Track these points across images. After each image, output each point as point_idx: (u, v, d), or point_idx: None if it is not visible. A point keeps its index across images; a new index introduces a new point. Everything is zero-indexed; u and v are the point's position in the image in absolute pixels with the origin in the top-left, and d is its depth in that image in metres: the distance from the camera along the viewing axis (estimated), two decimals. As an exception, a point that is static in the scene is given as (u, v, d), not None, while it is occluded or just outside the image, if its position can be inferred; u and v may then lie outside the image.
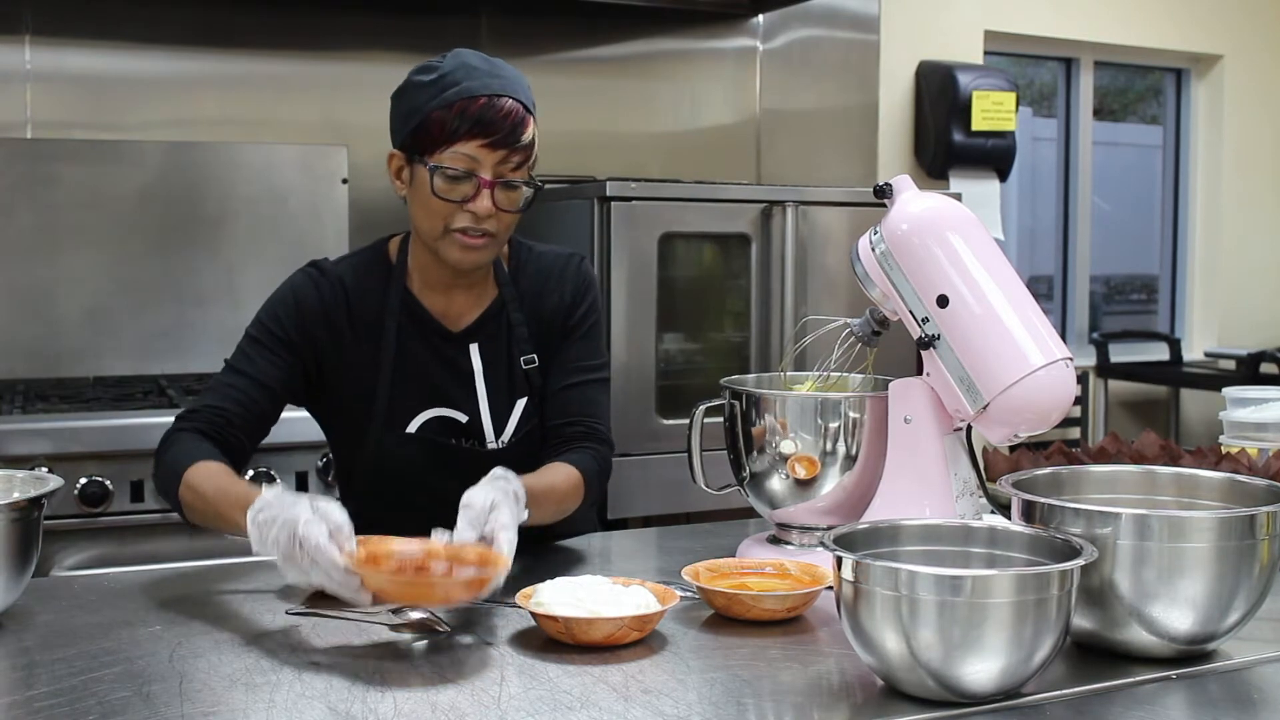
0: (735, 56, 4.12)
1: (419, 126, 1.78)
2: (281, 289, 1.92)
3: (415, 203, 1.83)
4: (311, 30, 3.53)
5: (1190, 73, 5.56)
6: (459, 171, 1.76)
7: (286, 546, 1.45)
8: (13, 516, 1.50)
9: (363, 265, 1.94)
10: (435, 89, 1.77)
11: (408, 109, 1.81)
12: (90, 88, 3.33)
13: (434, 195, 1.77)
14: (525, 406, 1.91)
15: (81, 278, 3.27)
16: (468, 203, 1.77)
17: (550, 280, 1.95)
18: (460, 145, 1.75)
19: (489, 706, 1.26)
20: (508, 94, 1.78)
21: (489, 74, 1.79)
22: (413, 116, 1.79)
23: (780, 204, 3.36)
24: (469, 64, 1.79)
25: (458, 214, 1.78)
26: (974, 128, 4.51)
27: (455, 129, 1.75)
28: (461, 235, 1.79)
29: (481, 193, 1.77)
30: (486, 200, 1.77)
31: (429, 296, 1.91)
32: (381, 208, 3.62)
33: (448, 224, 1.79)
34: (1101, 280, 5.67)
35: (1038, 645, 1.24)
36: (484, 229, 1.79)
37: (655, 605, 1.47)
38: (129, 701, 1.27)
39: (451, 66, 1.79)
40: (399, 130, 1.83)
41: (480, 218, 1.78)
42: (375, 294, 1.89)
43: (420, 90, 1.79)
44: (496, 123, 1.75)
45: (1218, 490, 1.54)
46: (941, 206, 1.66)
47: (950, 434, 1.65)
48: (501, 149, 1.76)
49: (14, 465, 2.36)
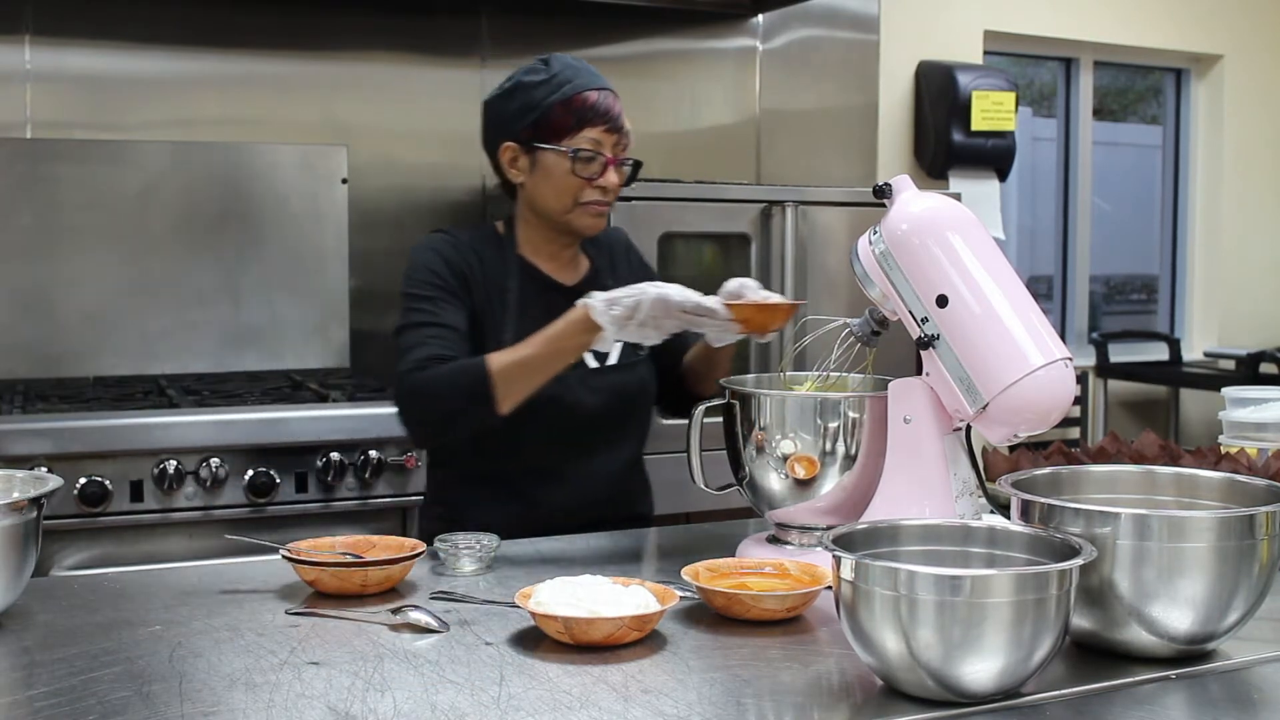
0: (735, 56, 4.12)
1: (541, 119, 2.05)
2: (422, 252, 2.12)
3: (543, 184, 2.09)
4: (311, 30, 3.54)
5: (1190, 73, 5.56)
6: (590, 153, 2.05)
7: (653, 307, 1.82)
8: (13, 516, 1.50)
9: (482, 236, 2.18)
10: (551, 87, 2.06)
11: (523, 106, 2.07)
12: (90, 88, 3.33)
13: (571, 174, 2.06)
14: (622, 348, 2.16)
15: (81, 278, 3.27)
16: (595, 180, 2.06)
17: (617, 254, 2.28)
18: (587, 131, 2.05)
19: (489, 706, 1.26)
20: (609, 88, 2.10)
21: (589, 72, 2.10)
22: (532, 111, 2.06)
23: (780, 204, 3.36)
24: (571, 64, 2.09)
25: (587, 189, 2.07)
26: (974, 128, 4.50)
27: (580, 118, 2.05)
28: (592, 205, 2.09)
29: (608, 170, 2.07)
30: (613, 176, 2.08)
31: (541, 263, 2.17)
32: (382, 208, 3.63)
33: (578, 198, 2.08)
34: (1101, 280, 5.67)
35: (1037, 645, 1.24)
36: (608, 200, 2.10)
37: (655, 605, 1.47)
38: (129, 701, 1.27)
39: (559, 68, 2.08)
40: (512, 125, 2.09)
41: (608, 190, 2.08)
42: (495, 258, 2.14)
43: (535, 89, 2.07)
44: (610, 112, 2.07)
45: (1217, 490, 1.54)
46: (941, 206, 1.66)
47: (950, 434, 1.65)
48: (615, 133, 2.08)
49: (14, 465, 2.36)
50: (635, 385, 2.15)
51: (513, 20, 3.77)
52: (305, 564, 1.67)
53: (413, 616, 1.50)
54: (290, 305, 3.47)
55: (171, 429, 2.66)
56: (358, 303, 3.56)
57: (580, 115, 2.04)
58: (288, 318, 3.47)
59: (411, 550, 1.73)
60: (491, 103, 2.14)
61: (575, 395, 2.06)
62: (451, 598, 1.64)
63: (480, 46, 3.74)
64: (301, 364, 3.48)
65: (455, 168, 3.70)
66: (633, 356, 2.17)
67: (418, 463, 2.82)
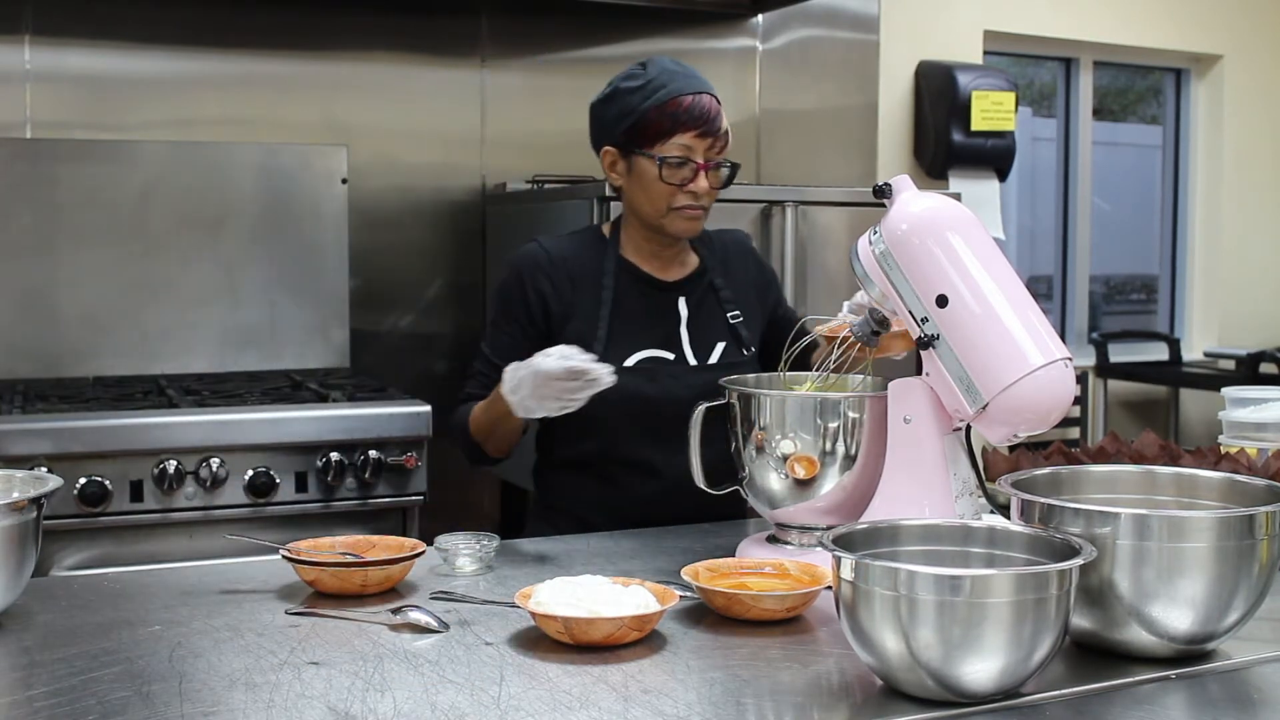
0: (735, 56, 4.12)
1: (635, 125, 2.09)
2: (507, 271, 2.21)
3: (637, 188, 2.13)
4: (311, 30, 3.53)
5: (1190, 73, 5.56)
6: (679, 159, 2.07)
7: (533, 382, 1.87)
8: (12, 516, 1.50)
9: (581, 239, 2.26)
10: (645, 93, 2.09)
11: (619, 112, 2.11)
12: (90, 88, 3.33)
13: (660, 181, 2.08)
14: (724, 348, 2.22)
15: (81, 278, 3.27)
16: (686, 185, 2.09)
17: (732, 255, 2.31)
18: (677, 137, 2.07)
19: (489, 706, 1.26)
20: (705, 90, 2.11)
21: (686, 75, 2.11)
22: (627, 117, 2.10)
23: (780, 204, 3.36)
24: (668, 68, 2.11)
25: (679, 194, 2.10)
26: (974, 128, 4.50)
27: (672, 124, 2.07)
28: (685, 210, 2.11)
29: (699, 175, 2.09)
30: (703, 181, 2.10)
31: (642, 262, 2.22)
32: (382, 208, 3.63)
33: (670, 203, 2.11)
34: (1101, 280, 5.67)
35: (1037, 645, 1.24)
36: (701, 204, 2.12)
37: (655, 605, 1.47)
38: (129, 701, 1.27)
39: (655, 72, 2.10)
40: (610, 130, 2.13)
41: (699, 196, 2.10)
42: (595, 258, 2.20)
43: (631, 95, 2.10)
44: (704, 116, 2.08)
45: (1217, 490, 1.54)
46: (941, 206, 1.66)
47: (950, 434, 1.65)
48: (709, 137, 2.09)
49: (14, 465, 2.36)
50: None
51: (513, 20, 3.77)
52: (305, 564, 1.67)
53: (412, 616, 1.50)
54: (290, 305, 3.47)
55: (171, 429, 2.66)
56: (358, 303, 3.56)
57: (673, 121, 2.07)
58: (288, 318, 3.47)
59: (411, 550, 1.73)
60: (594, 107, 2.18)
61: (666, 390, 2.12)
62: (451, 598, 1.64)
63: (480, 46, 3.74)
64: (301, 364, 3.48)
65: (455, 168, 3.70)
66: (736, 357, 2.21)
67: (418, 463, 2.82)
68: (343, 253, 3.52)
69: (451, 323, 3.72)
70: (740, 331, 2.24)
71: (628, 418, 2.11)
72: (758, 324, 2.29)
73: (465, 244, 3.73)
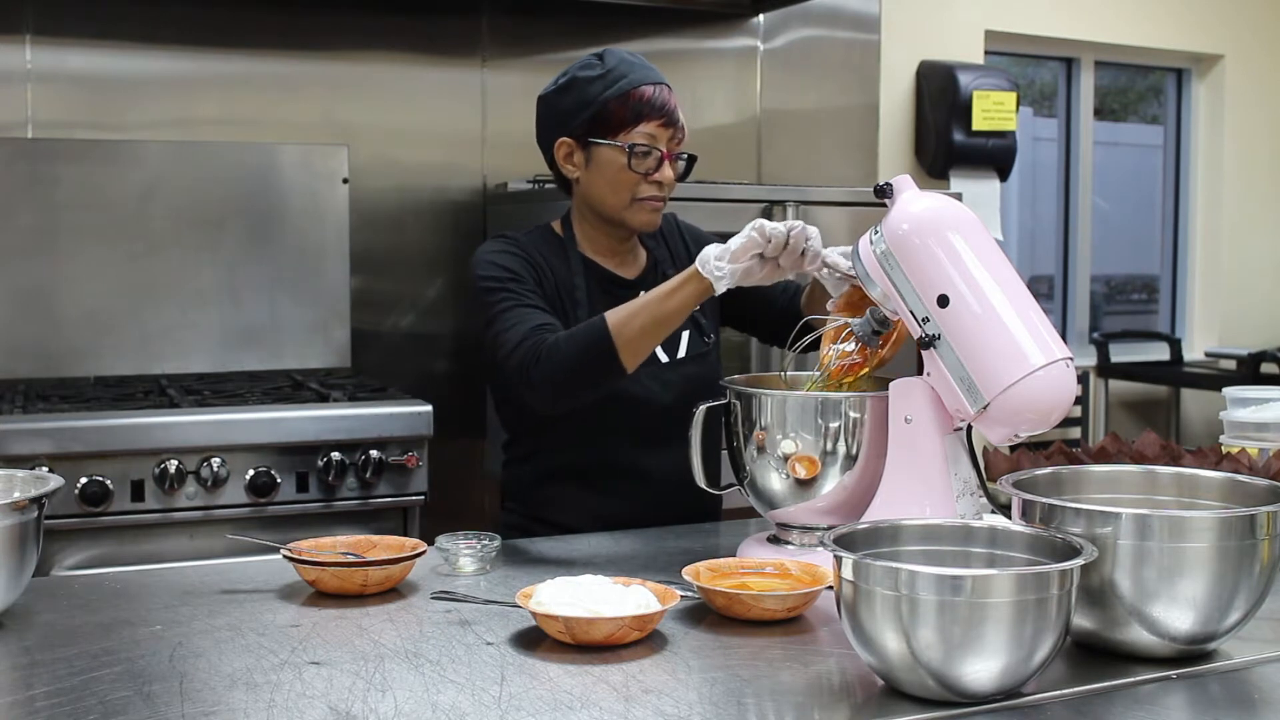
0: (735, 56, 4.12)
1: (598, 115, 2.05)
2: (490, 254, 2.09)
3: (599, 180, 2.09)
4: (311, 30, 3.53)
5: (1191, 73, 5.55)
6: (646, 148, 2.05)
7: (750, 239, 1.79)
8: (13, 516, 1.50)
9: (540, 236, 2.18)
10: (606, 82, 2.05)
11: (578, 101, 2.07)
12: (90, 88, 3.33)
13: (628, 170, 2.05)
14: (689, 339, 2.17)
15: (81, 278, 3.27)
16: (651, 174, 2.06)
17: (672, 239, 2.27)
18: (642, 126, 2.04)
19: (489, 706, 1.26)
20: (664, 82, 2.09)
21: (644, 67, 2.09)
22: (588, 107, 2.06)
23: (781, 204, 3.36)
24: (626, 59, 2.08)
25: (643, 185, 2.07)
26: (974, 127, 4.50)
27: (636, 114, 2.04)
28: (649, 201, 2.08)
29: (664, 164, 2.07)
30: (669, 170, 2.08)
31: (602, 259, 2.18)
32: (382, 208, 3.63)
33: (635, 194, 2.07)
34: (1102, 280, 5.67)
35: (1038, 645, 1.24)
36: (663, 195, 2.10)
37: (655, 605, 1.47)
38: (129, 701, 1.27)
39: (614, 63, 2.07)
40: (568, 120, 2.08)
41: (664, 185, 2.08)
42: (558, 259, 2.14)
43: (590, 84, 2.06)
44: (665, 106, 2.06)
45: (1218, 490, 1.54)
46: (942, 206, 1.66)
47: (950, 434, 1.65)
48: (671, 128, 2.07)
49: (14, 465, 2.36)
50: (708, 376, 2.13)
51: (513, 20, 3.77)
52: (306, 564, 1.67)
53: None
54: (291, 305, 3.47)
55: (172, 429, 2.66)
56: (358, 302, 3.56)
57: (636, 110, 2.04)
58: (288, 318, 3.47)
59: (412, 550, 1.73)
60: (546, 98, 2.13)
61: (647, 390, 2.08)
62: (452, 598, 1.64)
63: (480, 46, 3.74)
64: (302, 364, 3.48)
65: (455, 168, 3.70)
66: (701, 347, 2.18)
67: (419, 462, 2.82)
68: (344, 252, 3.52)
69: (452, 323, 3.72)
70: (699, 319, 2.19)
71: (609, 420, 2.06)
72: (713, 303, 2.23)
73: (466, 244, 3.72)
